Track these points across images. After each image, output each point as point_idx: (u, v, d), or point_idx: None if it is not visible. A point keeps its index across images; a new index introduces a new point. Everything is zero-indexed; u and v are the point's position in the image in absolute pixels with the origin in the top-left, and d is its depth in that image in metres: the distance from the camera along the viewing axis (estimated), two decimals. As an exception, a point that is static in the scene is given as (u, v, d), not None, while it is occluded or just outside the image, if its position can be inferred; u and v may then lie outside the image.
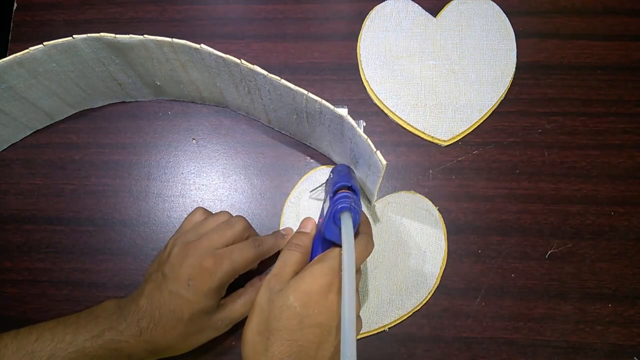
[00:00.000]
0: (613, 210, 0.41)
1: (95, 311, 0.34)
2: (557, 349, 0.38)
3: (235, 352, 0.39)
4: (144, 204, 0.43)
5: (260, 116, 0.42)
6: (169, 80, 0.41)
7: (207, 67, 0.37)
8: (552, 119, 0.44)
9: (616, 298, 0.39)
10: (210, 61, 0.36)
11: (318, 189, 0.41)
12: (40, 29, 0.48)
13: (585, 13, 0.46)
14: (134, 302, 0.33)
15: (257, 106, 0.40)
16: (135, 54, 0.37)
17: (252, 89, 0.37)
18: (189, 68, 0.38)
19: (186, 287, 0.33)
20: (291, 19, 0.47)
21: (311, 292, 0.29)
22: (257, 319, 0.30)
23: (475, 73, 0.45)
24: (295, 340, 0.29)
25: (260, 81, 0.35)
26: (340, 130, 0.35)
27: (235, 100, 0.41)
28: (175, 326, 0.33)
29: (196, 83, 0.41)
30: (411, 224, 0.41)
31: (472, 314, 0.39)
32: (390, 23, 0.46)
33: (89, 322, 0.33)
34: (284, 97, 0.36)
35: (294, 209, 0.42)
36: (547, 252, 0.41)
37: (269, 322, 0.29)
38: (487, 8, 0.46)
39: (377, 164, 0.32)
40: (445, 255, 0.41)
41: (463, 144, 0.43)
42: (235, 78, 0.37)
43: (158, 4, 0.48)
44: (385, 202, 0.42)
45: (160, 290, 0.33)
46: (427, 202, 0.42)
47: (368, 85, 0.45)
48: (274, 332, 0.29)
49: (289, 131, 0.43)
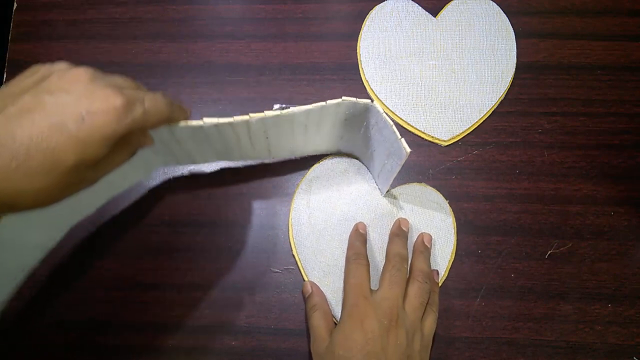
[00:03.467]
0: (613, 210, 0.41)
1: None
2: (557, 349, 0.38)
3: (235, 352, 0.39)
4: (144, 204, 0.43)
5: (261, 155, 0.41)
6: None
7: (207, 137, 0.35)
8: (552, 119, 0.44)
9: (616, 298, 0.39)
10: (213, 131, 0.34)
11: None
12: (40, 29, 0.48)
13: (584, 13, 0.46)
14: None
15: (259, 147, 0.39)
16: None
17: (255, 135, 0.36)
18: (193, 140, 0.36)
19: (78, 122, 0.24)
20: (291, 19, 0.47)
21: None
22: None
23: (475, 73, 0.45)
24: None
25: (269, 121, 0.34)
26: (359, 121, 0.36)
27: (235, 154, 0.40)
28: (49, 172, 0.24)
29: (192, 152, 0.39)
30: (422, 215, 0.41)
31: (472, 314, 0.39)
32: (390, 23, 0.46)
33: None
34: (288, 125, 0.35)
35: (305, 196, 0.42)
36: (547, 252, 0.41)
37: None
38: (487, 8, 0.46)
39: (399, 151, 0.33)
40: (454, 248, 0.41)
41: (463, 144, 0.43)
42: (238, 135, 0.35)
43: (158, 4, 0.48)
44: (397, 193, 0.42)
45: (33, 117, 0.24)
46: (438, 195, 0.42)
47: (368, 85, 0.45)
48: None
49: (290, 150, 0.42)
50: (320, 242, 0.41)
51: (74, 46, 0.47)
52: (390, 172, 0.37)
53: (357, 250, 0.38)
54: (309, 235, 0.41)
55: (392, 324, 0.33)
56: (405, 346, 0.33)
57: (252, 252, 0.41)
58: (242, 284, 0.41)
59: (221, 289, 0.41)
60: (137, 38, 0.47)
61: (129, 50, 0.47)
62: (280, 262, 0.41)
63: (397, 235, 0.39)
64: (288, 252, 0.41)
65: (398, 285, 0.35)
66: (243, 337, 0.39)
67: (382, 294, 0.35)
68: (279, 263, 0.41)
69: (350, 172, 0.42)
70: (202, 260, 0.41)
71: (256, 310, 0.40)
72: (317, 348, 0.35)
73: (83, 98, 0.25)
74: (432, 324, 0.36)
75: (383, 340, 0.33)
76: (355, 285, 0.36)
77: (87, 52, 0.47)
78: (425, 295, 0.36)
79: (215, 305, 0.40)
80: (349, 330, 0.33)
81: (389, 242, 0.39)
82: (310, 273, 0.40)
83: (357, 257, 0.38)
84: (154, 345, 0.40)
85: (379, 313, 0.34)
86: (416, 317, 0.35)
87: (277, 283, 0.41)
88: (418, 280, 0.36)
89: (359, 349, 0.32)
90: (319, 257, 0.40)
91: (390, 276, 0.36)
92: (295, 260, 0.41)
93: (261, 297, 0.40)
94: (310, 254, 0.40)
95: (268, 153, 0.40)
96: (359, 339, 0.33)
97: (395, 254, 0.37)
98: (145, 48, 0.47)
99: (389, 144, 0.34)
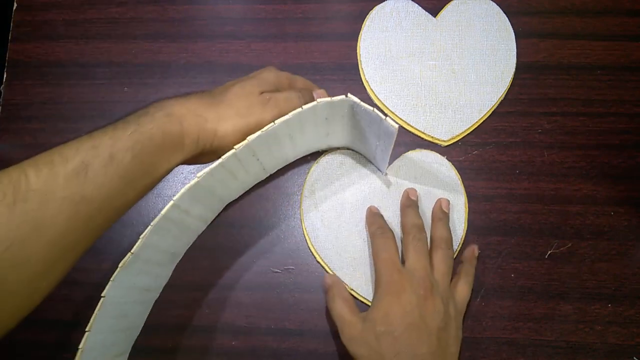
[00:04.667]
0: (613, 210, 0.41)
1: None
2: (557, 349, 0.38)
3: (235, 352, 0.39)
4: (144, 204, 0.43)
5: (258, 176, 0.41)
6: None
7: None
8: (552, 119, 0.44)
9: (616, 298, 0.39)
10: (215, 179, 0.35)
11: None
12: (40, 29, 0.48)
13: (584, 13, 0.46)
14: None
15: (254, 171, 0.39)
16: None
17: (246, 162, 0.36)
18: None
19: (235, 112, 0.34)
20: (291, 19, 0.47)
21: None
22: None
23: (475, 73, 0.45)
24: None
25: (254, 144, 0.34)
26: (340, 116, 0.36)
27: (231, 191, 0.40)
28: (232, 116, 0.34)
29: (203, 214, 0.40)
30: (427, 177, 0.42)
31: (472, 314, 0.39)
32: (390, 23, 0.46)
33: (140, 117, 0.31)
34: (272, 139, 0.35)
35: (311, 201, 0.42)
36: (547, 252, 0.41)
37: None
38: (487, 8, 0.46)
39: (387, 130, 0.33)
40: (465, 199, 0.41)
41: (463, 144, 0.43)
42: (232, 171, 0.36)
43: (158, 4, 0.48)
44: (396, 168, 0.42)
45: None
46: (435, 155, 0.43)
47: (368, 85, 0.45)
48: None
49: (283, 160, 0.42)
50: (339, 240, 0.41)
51: (74, 46, 0.47)
52: (384, 152, 0.37)
53: (379, 224, 0.39)
54: (327, 237, 0.41)
55: (428, 293, 0.34)
56: (443, 313, 0.34)
57: (252, 252, 0.41)
58: (242, 284, 0.41)
59: (221, 289, 0.41)
60: (137, 38, 0.47)
61: (129, 50, 0.47)
62: (280, 262, 0.41)
63: (408, 207, 0.40)
64: (288, 252, 0.41)
65: (423, 254, 0.36)
66: (243, 337, 0.39)
67: (412, 265, 0.36)
68: (279, 263, 0.41)
69: (346, 163, 0.43)
70: (202, 260, 0.41)
71: (256, 310, 0.40)
72: (350, 333, 0.34)
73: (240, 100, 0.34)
74: (465, 291, 0.37)
75: (421, 310, 0.34)
76: (387, 259, 0.36)
77: (87, 52, 0.47)
78: (450, 261, 0.37)
79: (215, 305, 0.40)
80: (388, 306, 0.34)
81: (402, 215, 0.40)
82: (340, 272, 0.40)
83: (382, 230, 0.38)
84: (154, 346, 0.40)
85: (414, 284, 0.34)
86: (446, 284, 0.36)
87: (277, 283, 0.41)
88: (441, 247, 0.37)
89: (400, 322, 0.33)
90: (343, 255, 0.40)
91: (413, 247, 0.36)
92: (322, 265, 0.41)
93: (261, 297, 0.40)
94: (334, 255, 0.41)
95: (264, 172, 0.41)
96: (398, 312, 0.33)
97: (412, 225, 0.38)
98: (145, 48, 0.47)
99: (376, 127, 0.35)
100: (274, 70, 0.38)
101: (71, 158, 0.27)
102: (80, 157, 0.27)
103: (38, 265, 0.26)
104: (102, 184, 0.28)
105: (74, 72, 0.46)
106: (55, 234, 0.26)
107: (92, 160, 0.27)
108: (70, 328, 0.40)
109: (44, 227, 0.26)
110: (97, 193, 0.28)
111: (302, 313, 0.40)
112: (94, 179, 0.27)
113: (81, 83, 0.46)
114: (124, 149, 0.29)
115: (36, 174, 0.26)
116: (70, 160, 0.27)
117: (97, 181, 0.27)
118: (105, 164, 0.28)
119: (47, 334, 0.40)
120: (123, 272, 0.32)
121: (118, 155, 0.28)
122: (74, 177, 0.27)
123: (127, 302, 0.35)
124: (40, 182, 0.26)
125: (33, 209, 0.25)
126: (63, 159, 0.27)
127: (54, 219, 0.26)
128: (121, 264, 0.32)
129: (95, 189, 0.27)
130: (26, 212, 0.25)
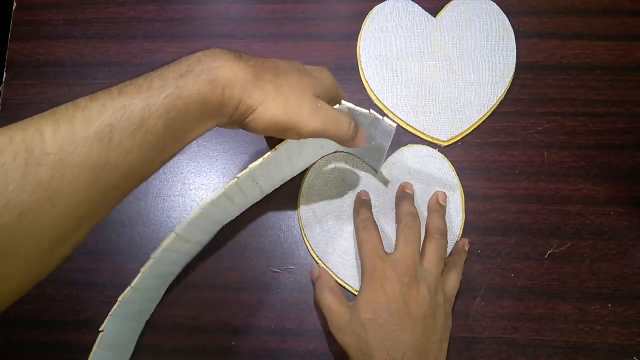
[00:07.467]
0: (613, 210, 0.41)
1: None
2: (557, 349, 0.38)
3: (235, 352, 0.39)
4: (144, 204, 0.43)
5: (255, 199, 0.41)
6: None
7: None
8: (552, 119, 0.44)
9: (616, 298, 0.39)
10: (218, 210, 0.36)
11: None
12: (40, 29, 0.48)
13: (585, 13, 0.46)
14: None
15: (252, 195, 0.39)
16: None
17: (246, 187, 0.36)
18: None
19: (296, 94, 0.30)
20: (291, 19, 0.47)
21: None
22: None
23: (475, 73, 0.45)
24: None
25: (256, 172, 0.34)
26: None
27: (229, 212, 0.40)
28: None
29: (201, 240, 0.40)
30: (421, 172, 0.42)
31: (472, 314, 0.39)
32: (390, 23, 0.46)
33: (181, 77, 0.27)
34: (273, 164, 0.35)
35: (308, 208, 0.42)
36: (547, 252, 0.41)
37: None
38: (487, 8, 0.46)
39: (386, 129, 0.34)
40: (462, 191, 0.42)
41: (463, 144, 0.43)
42: (232, 198, 0.36)
43: (158, 4, 0.48)
44: (390, 165, 0.42)
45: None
46: (428, 149, 0.43)
47: (368, 85, 0.45)
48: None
49: (280, 180, 0.42)
50: (341, 244, 0.41)
51: (74, 46, 0.47)
52: (382, 151, 0.38)
53: (362, 216, 0.39)
54: (328, 242, 0.41)
55: (412, 280, 0.34)
56: (429, 299, 0.34)
57: (252, 252, 0.41)
58: (242, 284, 0.41)
59: (221, 289, 0.41)
60: (137, 38, 0.47)
61: (129, 50, 0.47)
62: (280, 262, 0.41)
63: (403, 199, 0.40)
64: (288, 252, 0.41)
65: (413, 243, 0.37)
66: (243, 337, 0.39)
67: (399, 253, 0.36)
68: (279, 263, 0.41)
69: (338, 167, 0.43)
70: (202, 260, 0.41)
71: (256, 310, 0.40)
72: (338, 323, 0.35)
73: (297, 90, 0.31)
74: (454, 281, 0.38)
75: (405, 297, 0.34)
76: (369, 250, 0.36)
77: (87, 52, 0.47)
78: (443, 251, 0.38)
79: (215, 305, 0.40)
80: (372, 294, 0.34)
81: (397, 206, 0.40)
82: (345, 276, 0.40)
83: (364, 223, 0.38)
84: (153, 346, 0.40)
85: (399, 272, 0.35)
86: (437, 273, 0.36)
87: (277, 283, 0.41)
88: (435, 237, 0.38)
89: (384, 309, 0.33)
90: (347, 258, 0.41)
91: (404, 235, 0.37)
92: (326, 268, 0.40)
93: (261, 297, 0.40)
94: (338, 259, 0.41)
95: (261, 194, 0.41)
96: (382, 299, 0.34)
97: (405, 213, 0.38)
98: (145, 48, 0.47)
99: (374, 128, 0.35)
100: (331, 76, 0.35)
101: (95, 118, 0.24)
102: (107, 118, 0.24)
103: (53, 236, 0.24)
104: (128, 152, 0.25)
105: (73, 72, 0.46)
106: (71, 204, 0.24)
107: (119, 124, 0.24)
108: (70, 328, 0.40)
109: (59, 196, 0.23)
110: (122, 161, 0.25)
111: (302, 313, 0.40)
112: (119, 145, 0.24)
113: (81, 83, 0.46)
114: (158, 114, 0.25)
115: (54, 133, 0.23)
116: (94, 121, 0.24)
117: (123, 149, 0.24)
118: (135, 129, 0.25)
119: (47, 334, 0.40)
120: (122, 305, 0.32)
121: (150, 121, 0.25)
122: (96, 142, 0.24)
123: (120, 331, 0.35)
124: (57, 145, 0.23)
125: (47, 177, 0.23)
126: (86, 118, 0.24)
127: (71, 188, 0.23)
128: (120, 298, 0.32)
129: (120, 156, 0.24)
130: (39, 180, 0.22)
